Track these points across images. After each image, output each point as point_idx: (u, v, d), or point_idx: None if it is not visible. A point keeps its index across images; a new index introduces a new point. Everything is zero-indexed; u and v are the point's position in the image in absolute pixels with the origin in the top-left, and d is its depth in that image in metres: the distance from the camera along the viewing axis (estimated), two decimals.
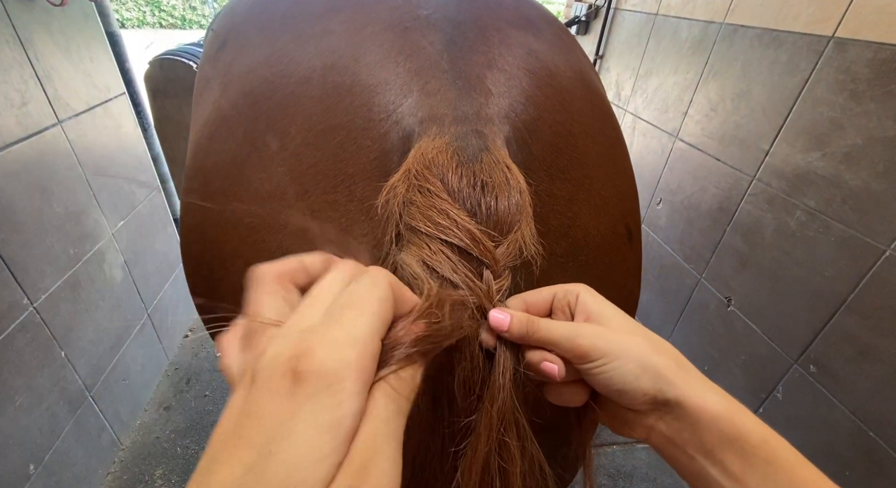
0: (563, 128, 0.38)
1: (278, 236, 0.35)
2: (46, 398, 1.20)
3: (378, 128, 0.34)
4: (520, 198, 0.31)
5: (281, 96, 0.37)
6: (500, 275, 0.31)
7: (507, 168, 0.32)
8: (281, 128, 0.36)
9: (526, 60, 0.39)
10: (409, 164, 0.31)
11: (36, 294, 1.17)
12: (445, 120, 0.33)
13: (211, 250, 0.39)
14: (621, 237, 0.42)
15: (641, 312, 1.86)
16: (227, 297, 0.39)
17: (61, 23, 1.31)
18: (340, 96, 0.36)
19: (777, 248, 1.25)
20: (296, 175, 0.35)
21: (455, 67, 0.36)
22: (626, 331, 0.30)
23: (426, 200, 0.30)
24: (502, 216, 0.31)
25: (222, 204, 0.38)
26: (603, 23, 2.08)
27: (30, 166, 1.18)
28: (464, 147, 0.32)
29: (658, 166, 1.72)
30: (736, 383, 1.41)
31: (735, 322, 1.40)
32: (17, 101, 1.15)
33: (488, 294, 0.31)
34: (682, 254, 1.62)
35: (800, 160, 1.17)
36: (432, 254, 0.30)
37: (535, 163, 0.36)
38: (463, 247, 0.30)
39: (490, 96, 0.35)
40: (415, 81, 0.35)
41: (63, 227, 1.28)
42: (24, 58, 1.17)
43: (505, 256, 0.31)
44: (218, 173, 0.39)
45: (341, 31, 0.39)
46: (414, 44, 0.37)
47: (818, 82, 1.12)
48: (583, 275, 0.39)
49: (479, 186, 0.31)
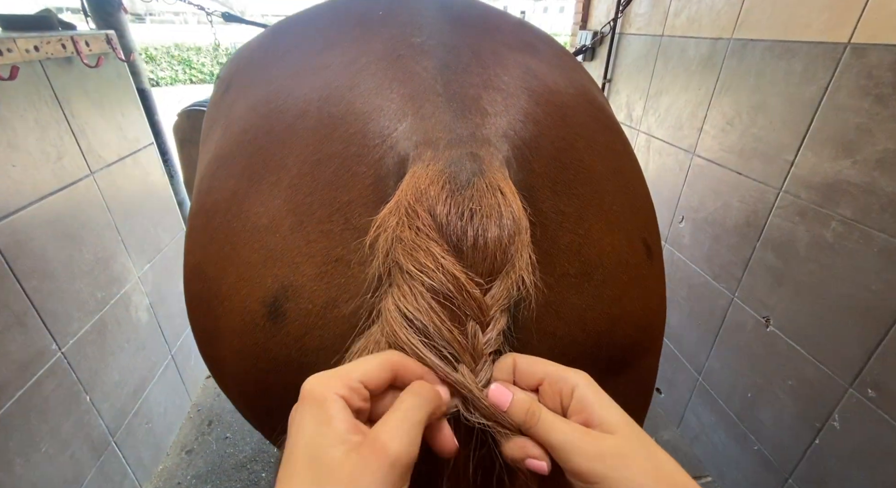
0: (566, 144, 0.37)
1: (274, 270, 0.34)
2: (71, 444, 1.20)
3: (373, 155, 0.34)
4: (513, 224, 0.30)
5: (279, 131, 0.38)
6: (489, 324, 0.30)
7: (500, 192, 0.30)
8: (279, 161, 0.36)
9: (523, 79, 0.38)
10: (401, 196, 0.30)
11: (64, 339, 1.20)
12: (440, 143, 0.33)
13: (210, 288, 0.39)
14: (639, 253, 0.40)
15: (672, 336, 1.77)
16: (224, 335, 0.38)
17: (96, 82, 1.40)
18: (335, 125, 0.35)
19: (814, 262, 1.17)
20: (292, 206, 0.35)
21: (449, 90, 0.36)
22: (629, 452, 0.27)
23: (414, 237, 0.29)
24: (492, 247, 0.29)
25: (221, 241, 0.37)
26: (609, 48, 2.11)
27: (63, 215, 1.24)
28: (457, 173, 0.31)
29: (677, 184, 1.68)
30: (785, 411, 1.30)
31: (776, 343, 1.30)
32: (54, 156, 1.22)
33: (474, 348, 0.29)
34: (711, 273, 1.54)
35: (829, 169, 1.12)
36: (414, 299, 0.28)
37: (539, 180, 0.35)
38: (445, 294, 0.28)
39: (487, 116, 0.35)
40: (409, 106, 0.35)
41: (92, 272, 1.33)
42: (60, 116, 1.25)
43: (497, 299, 0.29)
44: (218, 210, 0.39)
45: (337, 64, 0.40)
46: (407, 70, 0.37)
47: (839, 89, 1.08)
48: (600, 296, 0.36)
49: (466, 216, 0.29)
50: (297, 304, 0.34)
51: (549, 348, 0.35)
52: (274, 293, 0.34)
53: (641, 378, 0.43)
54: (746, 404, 1.45)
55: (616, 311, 0.37)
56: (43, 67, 1.19)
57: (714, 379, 1.58)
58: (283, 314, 0.34)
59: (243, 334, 0.35)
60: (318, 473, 0.24)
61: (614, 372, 0.38)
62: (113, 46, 1.48)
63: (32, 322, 1.10)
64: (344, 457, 0.24)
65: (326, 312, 0.33)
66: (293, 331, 0.34)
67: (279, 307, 0.34)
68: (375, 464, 0.24)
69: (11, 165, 1.08)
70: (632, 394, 0.32)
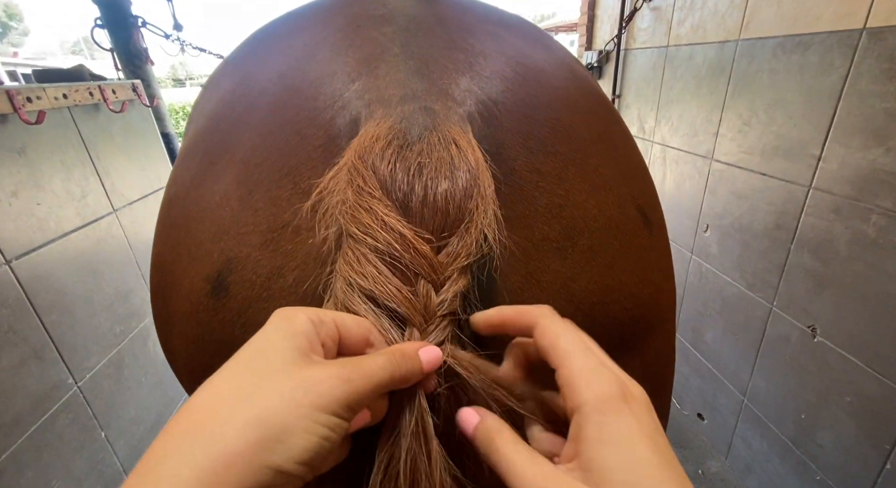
0: (541, 102, 0.34)
1: (220, 244, 0.32)
2: (83, 482, 1.18)
3: (323, 116, 0.32)
4: (468, 177, 0.27)
5: (239, 112, 0.37)
6: (444, 284, 0.26)
7: (454, 145, 0.27)
8: (235, 140, 0.35)
9: (494, 44, 0.36)
10: (346, 156, 0.28)
11: (81, 373, 1.21)
12: (393, 100, 0.30)
13: (165, 277, 0.37)
14: (633, 221, 0.35)
15: (710, 354, 1.64)
16: (174, 321, 0.35)
17: (121, 126, 1.49)
18: (290, 95, 0.34)
19: (858, 261, 1.07)
20: (242, 178, 0.33)
21: (408, 50, 0.34)
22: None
23: (356, 198, 0.26)
24: (442, 201, 0.27)
25: (178, 227, 0.36)
26: (615, 64, 2.11)
27: (85, 251, 1.28)
28: (408, 128, 0.29)
29: (698, 191, 1.61)
30: (846, 433, 1.15)
31: (827, 355, 1.18)
32: (78, 195, 1.28)
33: (426, 308, 0.26)
34: (745, 283, 1.44)
35: (861, 159, 1.04)
36: (359, 264, 0.26)
37: (509, 137, 0.32)
38: (390, 255, 0.26)
39: (447, 72, 0.32)
40: (363, 67, 0.33)
41: (111, 307, 1.35)
42: (86, 157, 1.32)
43: (454, 256, 0.26)
44: (178, 198, 0.38)
45: (300, 44, 0.39)
46: (366, 36, 0.36)
47: (860, 76, 1.03)
48: (587, 263, 0.32)
49: (413, 171, 0.27)
50: (240, 277, 0.31)
51: None
52: (219, 268, 0.32)
53: (650, 366, 0.37)
54: (801, 427, 1.30)
55: (608, 281, 0.32)
56: (71, 113, 1.27)
57: (761, 399, 1.44)
58: (225, 288, 0.31)
59: (189, 316, 0.33)
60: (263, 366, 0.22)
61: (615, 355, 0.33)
62: (138, 93, 1.58)
63: (50, 355, 1.12)
64: (304, 365, 0.22)
65: (271, 283, 0.30)
66: (235, 305, 0.31)
67: (222, 281, 0.31)
68: (337, 385, 0.22)
69: (36, 203, 1.13)
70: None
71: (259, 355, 0.23)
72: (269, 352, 0.23)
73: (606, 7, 2.24)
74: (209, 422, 0.20)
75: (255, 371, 0.22)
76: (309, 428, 0.21)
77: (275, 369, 0.22)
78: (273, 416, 0.20)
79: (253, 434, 0.19)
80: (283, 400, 0.21)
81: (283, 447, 0.20)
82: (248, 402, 0.21)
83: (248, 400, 0.21)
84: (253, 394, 0.21)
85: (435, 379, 0.27)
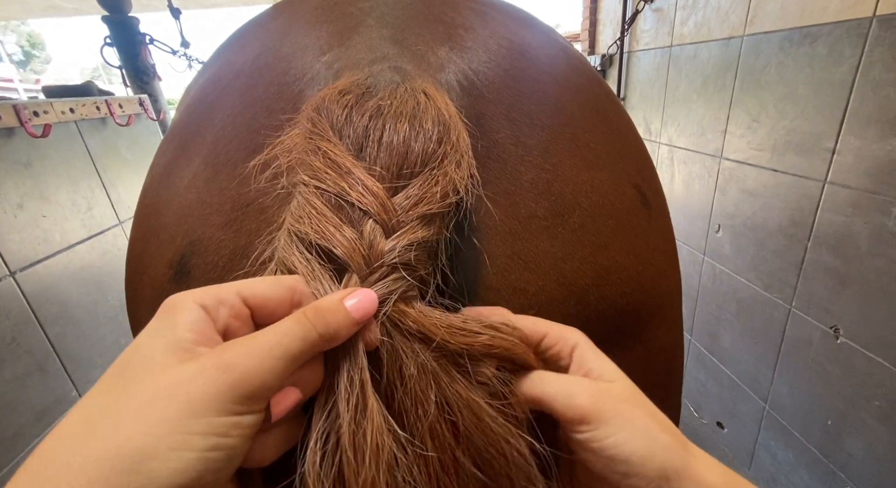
0: (526, 74, 0.32)
1: (184, 227, 0.30)
2: None
3: (292, 90, 0.31)
4: (437, 123, 0.24)
5: (214, 96, 0.36)
6: (397, 230, 0.23)
7: (423, 94, 0.25)
8: (207, 124, 0.34)
9: (479, 20, 0.35)
10: (302, 110, 0.26)
11: (84, 385, 1.20)
12: (362, 63, 0.29)
13: (136, 268, 0.35)
14: (630, 199, 0.33)
15: (728, 359, 1.58)
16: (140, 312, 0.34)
17: (127, 139, 1.51)
18: (261, 74, 0.33)
19: (881, 257, 1.02)
20: (210, 159, 0.31)
21: (383, 20, 0.32)
22: (630, 396, 0.25)
23: (306, 143, 0.24)
24: (402, 145, 0.24)
25: (150, 214, 0.34)
26: (619, 67, 2.09)
27: (91, 263, 1.29)
28: (374, 83, 0.26)
29: (708, 191, 1.57)
30: (877, 440, 1.09)
31: (852, 357, 1.12)
32: (84, 207, 1.29)
33: (370, 250, 0.23)
34: (761, 283, 1.39)
35: (878, 151, 1.00)
36: (300, 209, 0.23)
37: (491, 107, 0.30)
38: (336, 193, 0.23)
39: (422, 39, 0.31)
40: (335, 39, 0.32)
41: (116, 319, 1.35)
42: (92, 170, 1.34)
43: (413, 201, 0.23)
44: (151, 187, 0.37)
45: (276, 27, 0.38)
46: (341, 12, 0.34)
47: (872, 65, 0.99)
48: (579, 242, 0.30)
49: (370, 113, 0.24)
50: (202, 259, 0.29)
51: (521, 306, 0.28)
52: (182, 250, 0.30)
53: (654, 357, 0.34)
54: (828, 434, 1.23)
55: (603, 261, 0.30)
56: (77, 127, 1.29)
57: (783, 406, 1.37)
58: (187, 273, 0.29)
59: (152, 304, 0.31)
60: (126, 379, 0.19)
61: (614, 342, 0.30)
62: (144, 108, 1.60)
63: (54, 367, 1.11)
64: (173, 364, 0.19)
65: (233, 264, 0.28)
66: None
67: (184, 265, 0.30)
68: (212, 378, 0.18)
69: (42, 215, 1.14)
70: (646, 385, 0.25)
71: (125, 366, 0.20)
72: (135, 360, 0.20)
73: (608, 11, 2.24)
74: (47, 468, 0.16)
75: (113, 388, 0.19)
76: (179, 443, 0.17)
77: (136, 380, 0.19)
78: (126, 443, 0.17)
79: (95, 473, 0.16)
80: (140, 418, 0.17)
81: (139, 478, 0.16)
82: (94, 435, 0.17)
83: (94, 431, 0.17)
84: (100, 421, 0.17)
85: (376, 332, 0.23)
